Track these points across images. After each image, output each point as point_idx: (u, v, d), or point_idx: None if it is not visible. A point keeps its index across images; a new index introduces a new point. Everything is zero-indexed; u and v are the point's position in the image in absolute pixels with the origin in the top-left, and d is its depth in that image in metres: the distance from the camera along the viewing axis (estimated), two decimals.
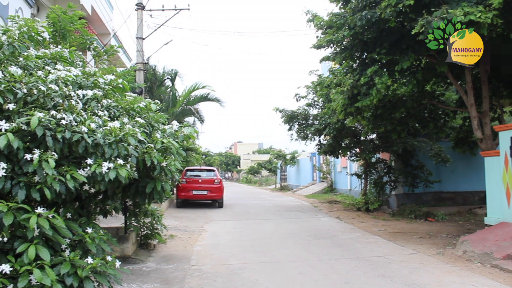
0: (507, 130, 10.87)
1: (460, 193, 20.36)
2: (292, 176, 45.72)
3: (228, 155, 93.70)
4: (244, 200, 27.44)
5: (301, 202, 25.41)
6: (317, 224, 15.62)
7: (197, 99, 24.84)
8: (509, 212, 10.73)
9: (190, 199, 21.71)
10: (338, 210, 20.09)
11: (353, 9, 12.15)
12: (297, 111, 21.61)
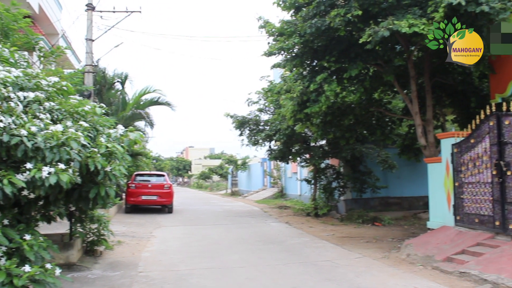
0: (448, 138, 11.31)
1: (405, 198, 20.96)
2: (243, 181, 45.78)
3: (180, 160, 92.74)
4: (195, 206, 27.25)
5: (251, 208, 25.47)
6: (266, 229, 15.70)
7: (147, 103, 24.53)
8: (450, 216, 11.14)
9: (139, 205, 21.34)
10: (288, 215, 20.26)
11: (303, 17, 12.31)
12: (248, 117, 21.68)
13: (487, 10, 9.37)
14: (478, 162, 10.22)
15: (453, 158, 11.06)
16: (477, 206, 10.21)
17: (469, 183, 10.54)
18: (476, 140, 10.27)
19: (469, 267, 8.30)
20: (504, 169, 9.33)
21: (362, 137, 17.95)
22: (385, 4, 11.17)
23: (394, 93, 15.75)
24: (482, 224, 10.03)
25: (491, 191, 9.76)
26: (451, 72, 14.32)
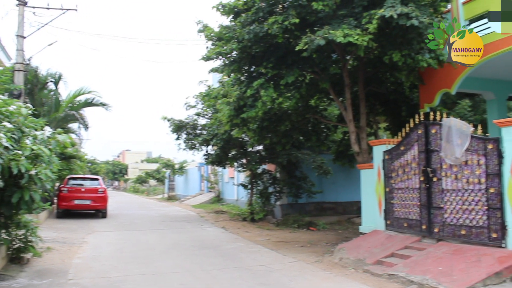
0: (380, 145, 11.71)
1: (340, 203, 21.46)
2: (181, 185, 45.34)
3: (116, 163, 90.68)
4: (130, 210, 26.69)
5: (188, 212, 25.26)
6: (202, 234, 15.61)
7: (81, 104, 23.76)
8: (381, 220, 11.53)
9: (71, 209, 20.64)
10: (224, 220, 20.24)
11: (242, 22, 12.37)
12: (186, 121, 21.48)
13: (417, 24, 9.81)
14: (407, 168, 10.64)
15: (384, 165, 11.47)
16: (406, 211, 10.62)
17: (398, 188, 10.96)
18: (405, 147, 10.70)
19: (397, 270, 8.61)
20: (431, 176, 9.77)
21: (298, 143, 18.22)
22: (322, 13, 11.41)
23: (330, 101, 16.12)
24: (410, 228, 10.45)
25: (418, 197, 10.20)
26: (384, 81, 14.86)
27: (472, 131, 8.86)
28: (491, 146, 8.46)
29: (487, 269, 7.54)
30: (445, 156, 9.36)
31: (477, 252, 8.31)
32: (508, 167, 8.11)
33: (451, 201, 9.31)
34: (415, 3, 10.95)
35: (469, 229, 8.87)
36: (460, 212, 9.08)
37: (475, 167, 8.79)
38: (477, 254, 8.21)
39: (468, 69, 11.53)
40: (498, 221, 8.30)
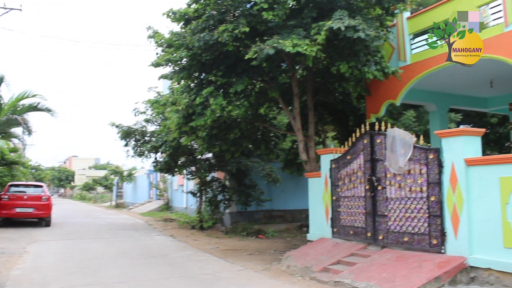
0: (327, 154, 11.92)
1: (289, 211, 21.66)
2: (129, 193, 44.52)
3: (62, 170, 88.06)
4: (76, 218, 25.96)
5: (136, 220, 24.83)
6: (150, 242, 15.37)
7: (25, 108, 22.99)
8: (328, 228, 11.71)
9: (13, 218, 19.85)
10: (173, 228, 20.01)
11: (193, 30, 12.33)
12: (135, 127, 21.13)
13: (363, 36, 10.09)
14: (353, 177, 10.88)
15: (331, 173, 11.68)
16: (352, 219, 10.84)
17: (345, 197, 11.18)
18: (352, 156, 10.94)
19: (343, 277, 8.76)
20: (376, 184, 10.03)
21: (247, 151, 18.28)
22: (272, 23, 11.56)
23: (279, 109, 16.27)
24: (356, 235, 10.67)
25: (364, 205, 10.44)
26: (333, 91, 15.18)
27: (414, 141, 9.16)
28: (432, 156, 8.78)
29: (427, 274, 7.79)
30: (389, 165, 9.64)
31: (418, 258, 8.58)
32: (447, 176, 8.44)
33: (395, 209, 9.58)
34: (362, 16, 11.27)
35: (412, 236, 9.15)
36: (403, 220, 9.36)
37: (417, 176, 9.09)
38: (418, 260, 8.47)
39: (412, 81, 11.97)
40: (438, 228, 8.60)
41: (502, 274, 7.50)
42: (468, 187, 8.18)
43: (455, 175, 8.30)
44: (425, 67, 11.69)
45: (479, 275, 7.83)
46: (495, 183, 7.75)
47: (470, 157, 8.23)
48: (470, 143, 8.32)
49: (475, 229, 8.04)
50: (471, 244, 8.05)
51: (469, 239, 8.07)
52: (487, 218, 7.84)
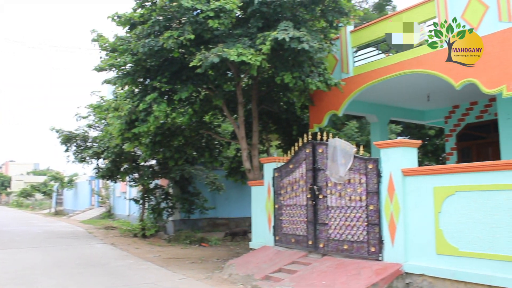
0: (270, 163, 12.02)
1: (233, 219, 21.67)
2: (69, 200, 43.19)
3: None
4: (10, 226, 24.92)
5: (75, 228, 24.11)
6: (89, 251, 14.96)
7: None
8: (270, 236, 11.79)
9: None
10: (114, 236, 19.57)
11: (138, 35, 12.17)
12: (76, 132, 20.56)
13: (307, 48, 10.29)
14: (295, 186, 11.02)
15: (274, 182, 11.78)
16: (294, 227, 10.96)
17: (287, 205, 11.30)
18: (294, 165, 11.09)
19: (284, 284, 8.83)
20: (317, 193, 10.20)
21: (191, 158, 18.19)
22: (218, 31, 11.59)
23: (224, 117, 16.28)
24: (298, 243, 10.79)
25: (305, 213, 10.58)
26: (277, 101, 15.35)
27: (355, 151, 9.40)
28: (371, 166, 9.03)
29: (365, 281, 7.98)
30: (330, 175, 9.83)
31: (357, 265, 8.77)
32: (385, 185, 8.70)
33: (335, 218, 9.77)
34: (307, 28, 11.52)
35: (351, 244, 9.35)
36: (343, 228, 9.55)
37: (357, 185, 9.32)
38: (357, 268, 8.66)
39: (354, 93, 12.31)
40: (376, 236, 8.83)
41: (434, 280, 7.79)
42: (405, 196, 8.46)
43: (392, 184, 8.56)
44: (367, 80, 12.05)
45: (414, 281, 8.10)
46: (429, 192, 8.05)
47: (407, 167, 8.52)
48: (407, 154, 8.62)
49: (411, 236, 8.32)
50: (407, 251, 8.32)
51: (405, 246, 8.33)
52: (422, 226, 8.13)
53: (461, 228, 7.53)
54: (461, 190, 7.59)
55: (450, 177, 7.80)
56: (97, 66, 13.10)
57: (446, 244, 7.69)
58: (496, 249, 6.99)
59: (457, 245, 7.53)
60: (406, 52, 11.00)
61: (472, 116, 14.56)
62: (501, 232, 6.95)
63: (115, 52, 12.75)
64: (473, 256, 7.28)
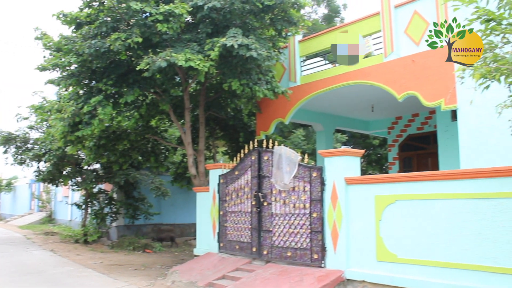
0: (216, 169, 11.99)
1: (178, 225, 21.41)
2: (7, 204, 41.43)
3: None
4: None
5: (12, 234, 23.11)
6: (27, 258, 14.37)
7: None
8: (214, 243, 11.74)
9: None
10: (54, 242, 18.89)
11: (84, 35, 11.90)
12: (16, 133, 19.75)
13: (255, 55, 10.38)
14: (240, 192, 11.03)
15: (219, 188, 11.75)
16: (238, 234, 10.96)
17: (232, 212, 11.28)
18: (240, 172, 11.10)
19: None
20: (262, 200, 10.24)
21: (137, 163, 17.90)
22: (167, 36, 11.50)
23: (171, 122, 16.13)
24: (242, 250, 10.78)
25: (250, 220, 10.60)
26: (225, 107, 15.35)
27: (299, 159, 9.50)
28: (315, 174, 9.16)
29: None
30: (275, 182, 9.89)
31: (300, 272, 8.85)
32: (329, 193, 8.84)
33: (279, 225, 9.83)
34: (256, 36, 11.61)
35: (295, 251, 9.43)
36: (287, 235, 9.62)
37: (301, 193, 9.42)
38: (300, 274, 8.74)
39: (300, 101, 12.49)
40: (319, 243, 8.94)
41: (374, 286, 7.95)
42: (347, 205, 8.62)
43: (335, 193, 8.71)
44: (314, 89, 12.26)
45: (355, 287, 8.25)
46: (371, 201, 8.24)
47: (350, 176, 8.69)
48: (350, 163, 8.80)
49: (353, 244, 8.48)
50: (349, 258, 8.47)
51: (347, 253, 8.48)
52: (363, 233, 8.31)
53: (400, 236, 7.74)
54: (401, 199, 7.81)
55: (391, 186, 8.02)
56: (40, 66, 12.68)
57: (386, 251, 7.88)
58: (432, 255, 7.22)
59: (396, 252, 7.73)
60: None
61: (413, 128, 15.07)
62: (437, 240, 7.20)
63: (60, 51, 12.40)
64: (411, 262, 7.49)
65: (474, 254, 6.70)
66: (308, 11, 26.22)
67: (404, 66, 10.41)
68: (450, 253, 6.99)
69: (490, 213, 6.58)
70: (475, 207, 6.77)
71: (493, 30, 4.76)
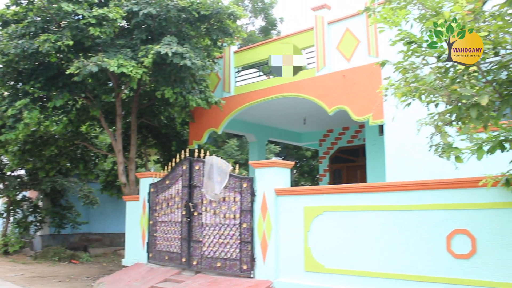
0: (147, 178, 11.79)
1: (108, 234, 20.82)
2: None
3: None
4: None
5: None
6: None
7: None
8: (144, 253, 11.51)
9: None
10: None
11: (10, 34, 11.38)
12: None
13: (189, 64, 10.35)
14: (171, 202, 10.89)
15: (149, 197, 11.55)
16: (168, 244, 10.80)
17: (162, 222, 11.11)
18: (171, 181, 10.97)
19: None
20: (192, 210, 10.16)
21: (64, 169, 17.28)
22: (100, 40, 11.23)
23: (102, 128, 15.74)
24: (171, 260, 10.63)
25: (180, 230, 10.48)
26: (158, 115, 15.17)
27: (231, 170, 9.52)
28: (246, 185, 9.20)
29: None
30: (206, 192, 9.85)
31: (230, 283, 8.82)
32: (259, 204, 8.90)
33: (209, 235, 9.78)
34: (191, 45, 11.58)
35: (224, 261, 9.40)
36: (217, 246, 9.59)
37: (232, 203, 9.42)
38: (229, 285, 8.71)
39: (234, 112, 12.55)
40: (248, 254, 8.97)
41: None
42: (277, 215, 8.71)
43: (265, 204, 8.78)
44: (247, 100, 12.36)
45: None
46: (300, 212, 8.36)
47: (280, 187, 8.79)
48: (280, 174, 8.91)
49: (282, 254, 8.56)
50: (277, 268, 8.54)
51: (276, 264, 8.55)
52: (292, 244, 8.41)
53: (327, 246, 7.90)
54: (329, 210, 7.98)
55: (319, 198, 8.19)
56: None
57: (314, 262, 8.02)
58: (357, 265, 7.42)
59: (323, 262, 7.88)
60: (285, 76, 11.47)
61: (344, 141, 15.51)
62: (362, 250, 7.41)
63: None
64: (338, 272, 7.66)
65: (396, 263, 6.95)
66: (246, 22, 26.52)
67: (335, 81, 10.71)
68: (373, 262, 7.22)
69: (411, 224, 6.87)
70: (397, 219, 7.04)
71: (414, 52, 5.00)
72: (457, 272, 6.30)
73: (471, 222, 6.27)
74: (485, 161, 5.13)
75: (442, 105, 5.09)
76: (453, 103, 4.68)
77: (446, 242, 6.44)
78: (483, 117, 4.48)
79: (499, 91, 4.54)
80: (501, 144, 4.97)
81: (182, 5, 11.23)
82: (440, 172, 7.85)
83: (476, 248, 6.17)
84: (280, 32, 27.14)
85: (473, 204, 6.29)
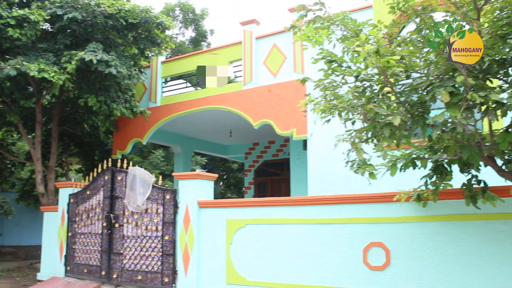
0: (66, 187, 11.37)
1: (23, 247, 19.77)
2: None
3: None
4: None
5: None
6: None
7: None
8: (61, 266, 11.07)
9: None
10: None
11: None
12: None
13: (115, 73, 10.17)
14: (91, 213, 10.57)
15: (69, 208, 11.15)
16: (87, 257, 10.46)
17: (82, 233, 10.75)
18: (92, 192, 10.65)
19: None
20: (113, 222, 9.91)
21: None
22: (20, 42, 10.77)
23: (20, 135, 15.05)
24: (91, 274, 10.29)
25: (100, 242, 10.18)
26: (81, 123, 14.70)
27: (154, 181, 9.39)
28: (169, 197, 9.11)
29: None
30: (128, 203, 9.65)
31: None
32: (181, 216, 8.83)
33: (131, 247, 9.57)
34: (118, 53, 11.37)
35: (146, 274, 9.23)
36: (138, 258, 9.40)
37: (154, 215, 9.29)
38: None
39: (159, 123, 12.45)
40: (170, 266, 8.86)
41: None
42: (200, 228, 8.69)
43: (188, 216, 8.74)
44: (173, 111, 12.29)
45: None
46: (222, 224, 8.40)
47: (203, 199, 8.79)
48: (204, 187, 8.91)
49: (204, 267, 8.54)
50: (199, 281, 8.50)
51: (198, 276, 8.51)
52: (214, 256, 8.42)
53: (249, 259, 7.98)
54: (251, 223, 8.07)
55: (241, 211, 8.26)
56: None
57: (235, 274, 8.06)
58: (278, 277, 7.54)
59: (245, 275, 7.94)
60: (212, 88, 11.52)
61: (269, 154, 15.75)
62: (283, 262, 7.55)
63: None
64: (259, 285, 7.74)
65: (316, 275, 7.13)
66: (176, 32, 26.39)
67: (261, 95, 10.90)
68: (294, 275, 7.37)
69: (330, 237, 7.08)
70: (318, 232, 7.23)
71: (334, 71, 5.20)
72: (372, 284, 6.56)
73: (385, 235, 6.57)
74: (399, 177, 5.42)
75: (358, 123, 5.32)
76: (368, 121, 4.90)
77: (363, 254, 6.71)
78: (396, 135, 4.72)
79: (411, 111, 4.81)
80: (413, 161, 5.28)
81: (109, 12, 11.04)
82: (360, 187, 8.15)
83: (390, 260, 6.46)
84: (210, 44, 27.26)
85: (388, 218, 6.60)
